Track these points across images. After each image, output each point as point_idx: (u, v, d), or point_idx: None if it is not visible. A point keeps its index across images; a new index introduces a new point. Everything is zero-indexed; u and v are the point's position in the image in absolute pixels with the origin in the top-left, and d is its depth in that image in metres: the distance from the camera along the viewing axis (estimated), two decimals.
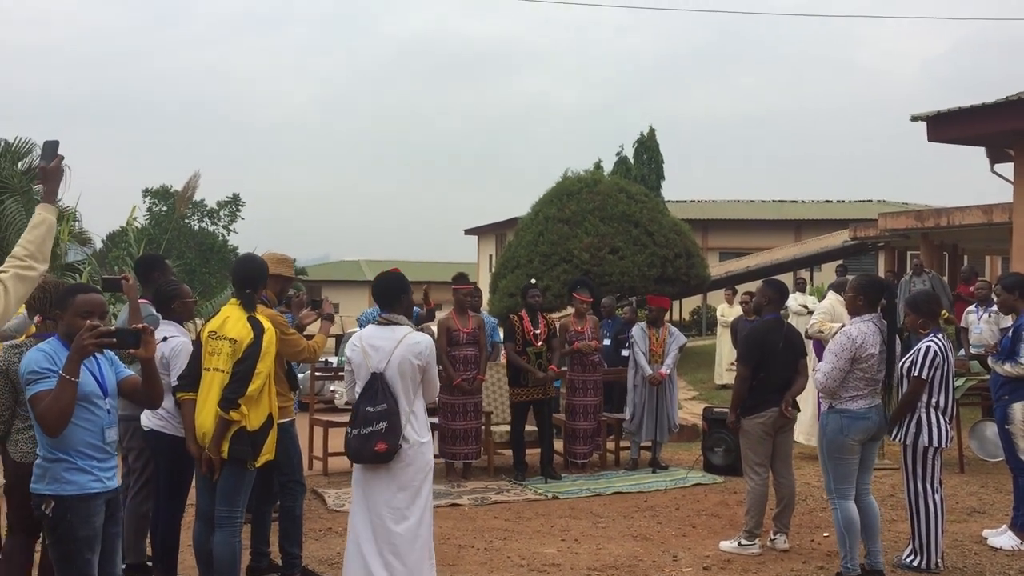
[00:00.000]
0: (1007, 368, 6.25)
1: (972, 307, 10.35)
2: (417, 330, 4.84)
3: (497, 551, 6.12)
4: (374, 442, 4.51)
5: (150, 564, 5.33)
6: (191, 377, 4.75)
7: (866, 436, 5.34)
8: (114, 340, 3.43)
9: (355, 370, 4.73)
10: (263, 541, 5.50)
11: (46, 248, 3.79)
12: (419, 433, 4.68)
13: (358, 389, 4.68)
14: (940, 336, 5.71)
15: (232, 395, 4.50)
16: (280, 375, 5.39)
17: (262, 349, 4.56)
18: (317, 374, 10.20)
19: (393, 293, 4.81)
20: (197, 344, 4.81)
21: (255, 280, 4.86)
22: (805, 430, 9.33)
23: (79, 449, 3.57)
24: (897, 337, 5.49)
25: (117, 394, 3.74)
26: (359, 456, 4.59)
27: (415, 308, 8.79)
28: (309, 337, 5.53)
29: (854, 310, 5.47)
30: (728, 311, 15.63)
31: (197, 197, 21.69)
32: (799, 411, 6.33)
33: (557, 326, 8.90)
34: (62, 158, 3.78)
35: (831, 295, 9.35)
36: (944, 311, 5.92)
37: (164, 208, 38.62)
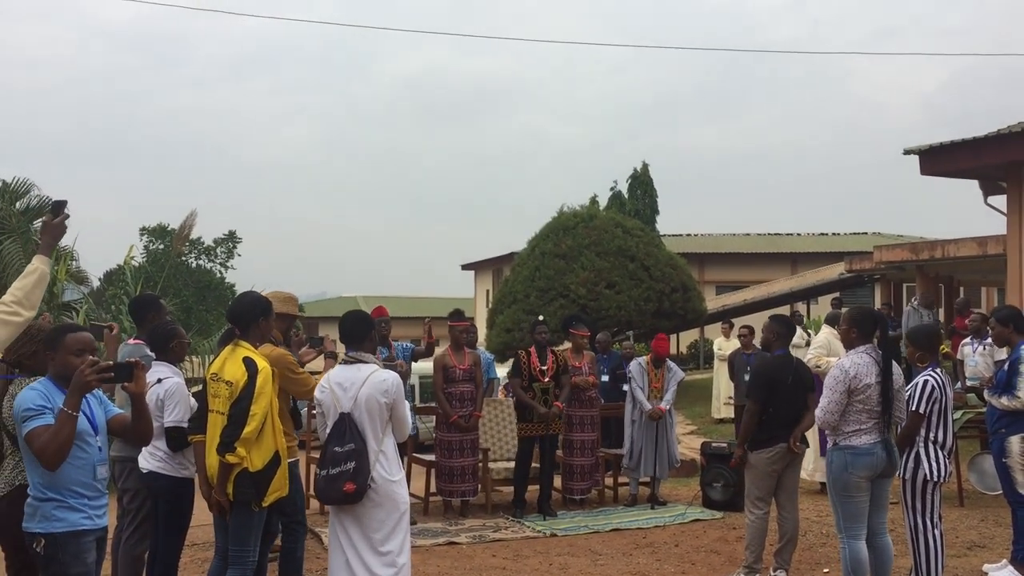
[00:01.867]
0: (1004, 401, 6.24)
1: (967, 339, 10.35)
2: (385, 367, 4.83)
3: None
4: (342, 483, 4.48)
5: None
6: (201, 418, 4.75)
7: (872, 473, 5.26)
8: (112, 374, 3.52)
9: (324, 411, 4.71)
10: None
11: (35, 296, 3.91)
12: (389, 472, 4.64)
13: (327, 430, 4.66)
14: (938, 370, 5.70)
15: (228, 439, 4.49)
16: (285, 414, 5.39)
17: (255, 391, 4.53)
18: (314, 412, 10.14)
19: (361, 331, 4.81)
20: (204, 384, 4.83)
21: (241, 317, 4.84)
22: (807, 466, 9.29)
23: (71, 488, 3.60)
24: (898, 367, 5.47)
25: (107, 433, 3.77)
26: (328, 497, 4.58)
27: (410, 344, 8.80)
28: (313, 374, 5.52)
29: (848, 342, 5.46)
30: (725, 344, 15.63)
31: (194, 235, 21.72)
32: (807, 446, 6.30)
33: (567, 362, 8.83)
34: (67, 216, 3.92)
35: (825, 329, 9.36)
36: (944, 346, 5.93)
37: (161, 246, 38.70)
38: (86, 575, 3.66)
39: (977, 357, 9.84)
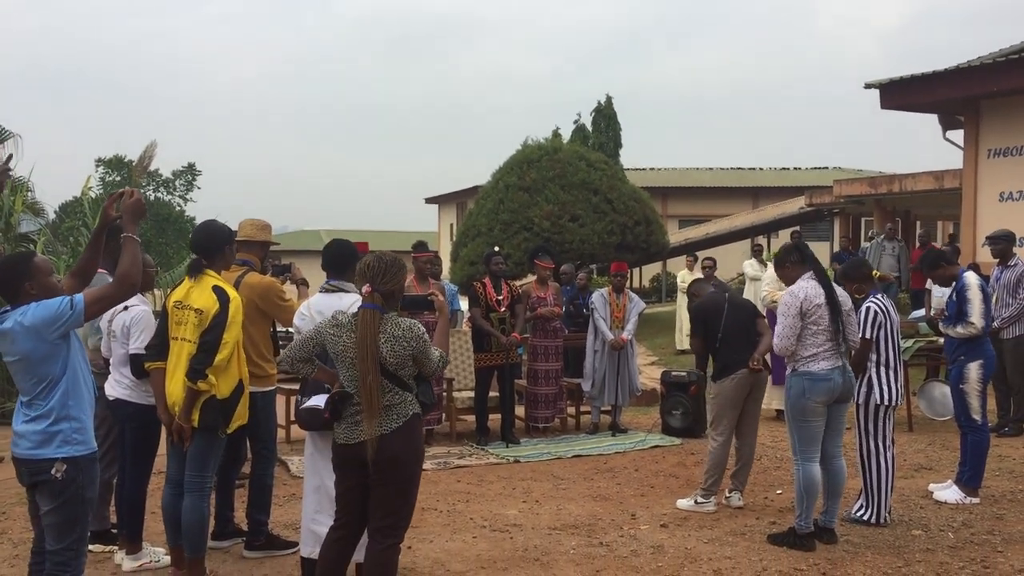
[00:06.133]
0: (959, 330, 6.44)
1: None
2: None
3: (459, 513, 6.23)
4: (323, 410, 4.53)
5: (114, 531, 5.36)
6: (159, 346, 4.75)
7: (829, 398, 5.40)
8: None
9: None
10: (228, 506, 5.56)
11: None
12: None
13: None
14: (879, 296, 5.88)
15: (199, 365, 4.51)
16: (268, 340, 5.42)
17: (228, 319, 4.56)
18: (280, 342, 10.15)
19: (344, 260, 4.81)
20: (163, 313, 4.82)
21: (207, 245, 4.83)
22: (767, 394, 9.52)
23: (87, 411, 3.66)
24: (843, 291, 5.63)
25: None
26: (309, 424, 4.62)
27: None
28: None
29: (791, 279, 5.66)
30: (688, 277, 15.81)
31: (152, 167, 21.29)
32: (769, 371, 6.56)
33: (521, 292, 8.98)
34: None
35: None
36: (876, 270, 6.17)
37: (118, 178, 38.01)
38: (94, 499, 3.74)
39: (946, 289, 10.00)
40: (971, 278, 6.53)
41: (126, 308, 4.94)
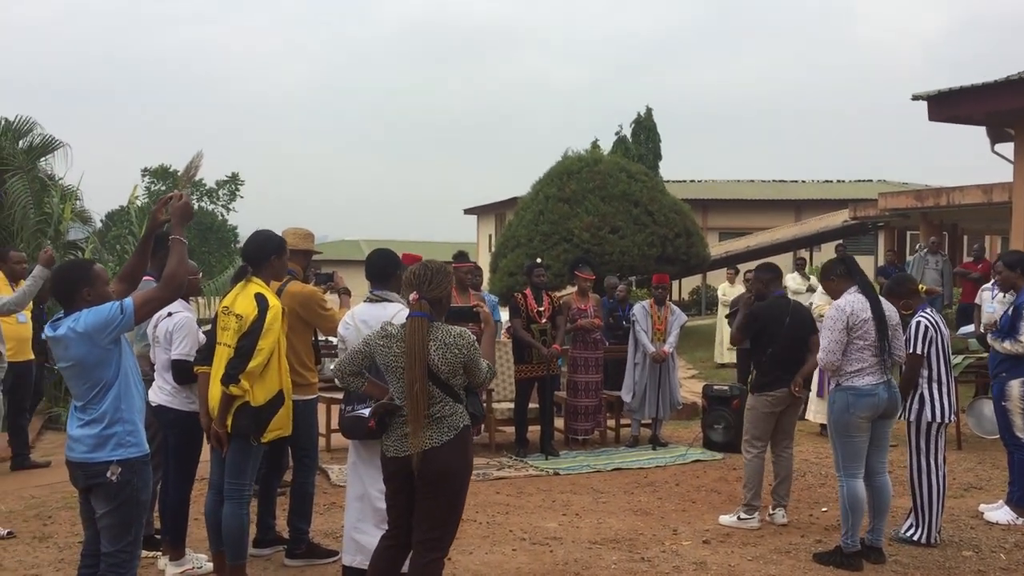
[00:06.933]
0: (1006, 346, 6.29)
1: (988, 285, 10.27)
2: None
3: (499, 525, 6.19)
4: (367, 419, 4.53)
5: (158, 536, 5.39)
6: (208, 351, 4.79)
7: (874, 413, 5.32)
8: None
9: (348, 348, 4.74)
10: (269, 514, 5.57)
11: None
12: None
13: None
14: (929, 310, 5.77)
15: (233, 370, 4.53)
16: (309, 348, 5.45)
17: (264, 326, 4.57)
18: (322, 351, 10.17)
19: (387, 270, 4.82)
20: (214, 318, 4.87)
21: (253, 254, 4.86)
22: (812, 407, 9.38)
23: (138, 413, 3.73)
24: (890, 305, 5.53)
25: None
26: (352, 432, 4.62)
27: None
28: None
29: (837, 292, 5.56)
30: (729, 290, 15.68)
31: (196, 176, 21.62)
32: (809, 390, 6.40)
33: (561, 304, 8.94)
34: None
35: None
36: (922, 284, 6.02)
37: (163, 187, 38.66)
38: (148, 501, 3.79)
39: (995, 304, 9.77)
40: None
41: (170, 314, 4.99)
